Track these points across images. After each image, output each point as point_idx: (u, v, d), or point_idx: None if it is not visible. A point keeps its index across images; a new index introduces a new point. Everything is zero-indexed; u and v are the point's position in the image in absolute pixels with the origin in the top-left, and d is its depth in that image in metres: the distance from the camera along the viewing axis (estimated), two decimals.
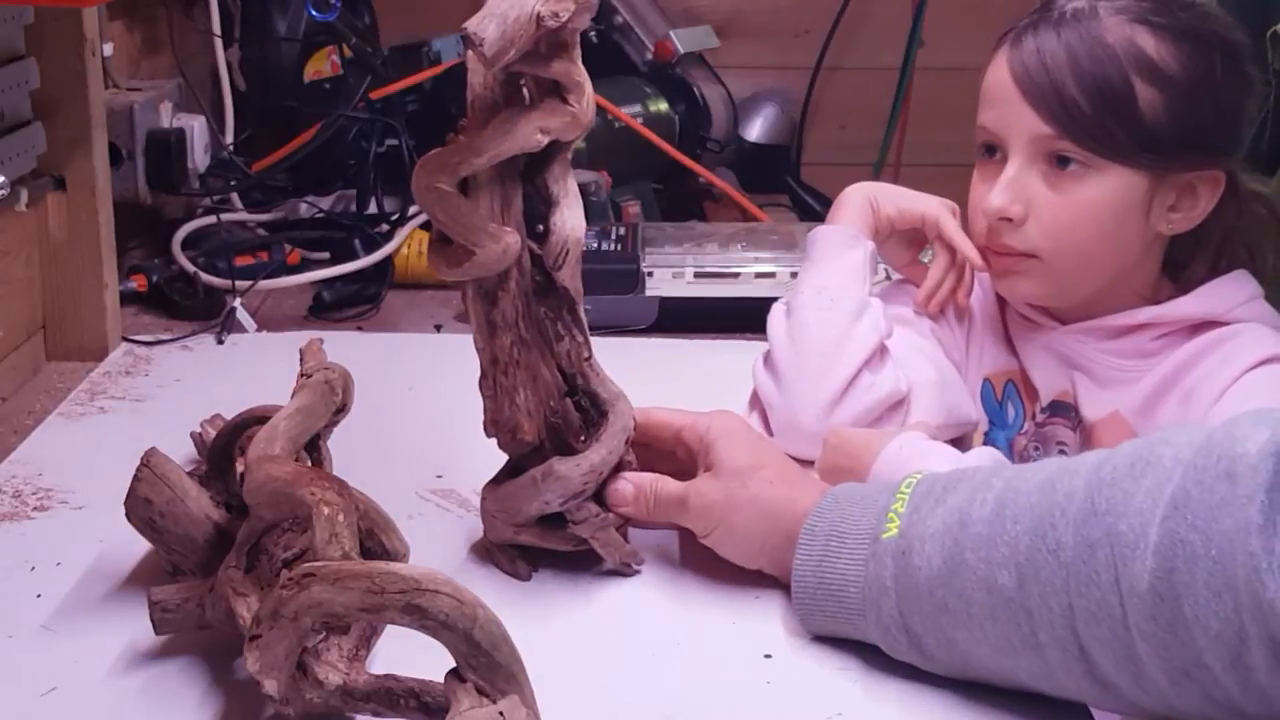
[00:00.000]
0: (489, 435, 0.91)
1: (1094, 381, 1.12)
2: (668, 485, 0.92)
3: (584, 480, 0.90)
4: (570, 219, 0.87)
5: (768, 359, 1.12)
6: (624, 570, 0.94)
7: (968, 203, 1.13)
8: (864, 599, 0.82)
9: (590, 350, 0.91)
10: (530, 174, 0.87)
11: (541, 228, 0.88)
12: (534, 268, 0.88)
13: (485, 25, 0.77)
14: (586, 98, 0.84)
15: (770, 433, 1.10)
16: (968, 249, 1.14)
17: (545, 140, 0.83)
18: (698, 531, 0.92)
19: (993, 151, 1.10)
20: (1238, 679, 0.68)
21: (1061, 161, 1.06)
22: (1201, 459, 0.70)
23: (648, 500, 0.92)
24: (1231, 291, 1.09)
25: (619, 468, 0.93)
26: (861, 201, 1.15)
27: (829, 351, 1.08)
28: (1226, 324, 1.08)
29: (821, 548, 0.85)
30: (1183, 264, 1.12)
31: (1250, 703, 0.69)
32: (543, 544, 0.93)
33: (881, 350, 1.09)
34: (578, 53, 0.84)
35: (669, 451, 0.96)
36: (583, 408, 0.91)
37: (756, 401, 1.13)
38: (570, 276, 0.88)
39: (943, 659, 0.81)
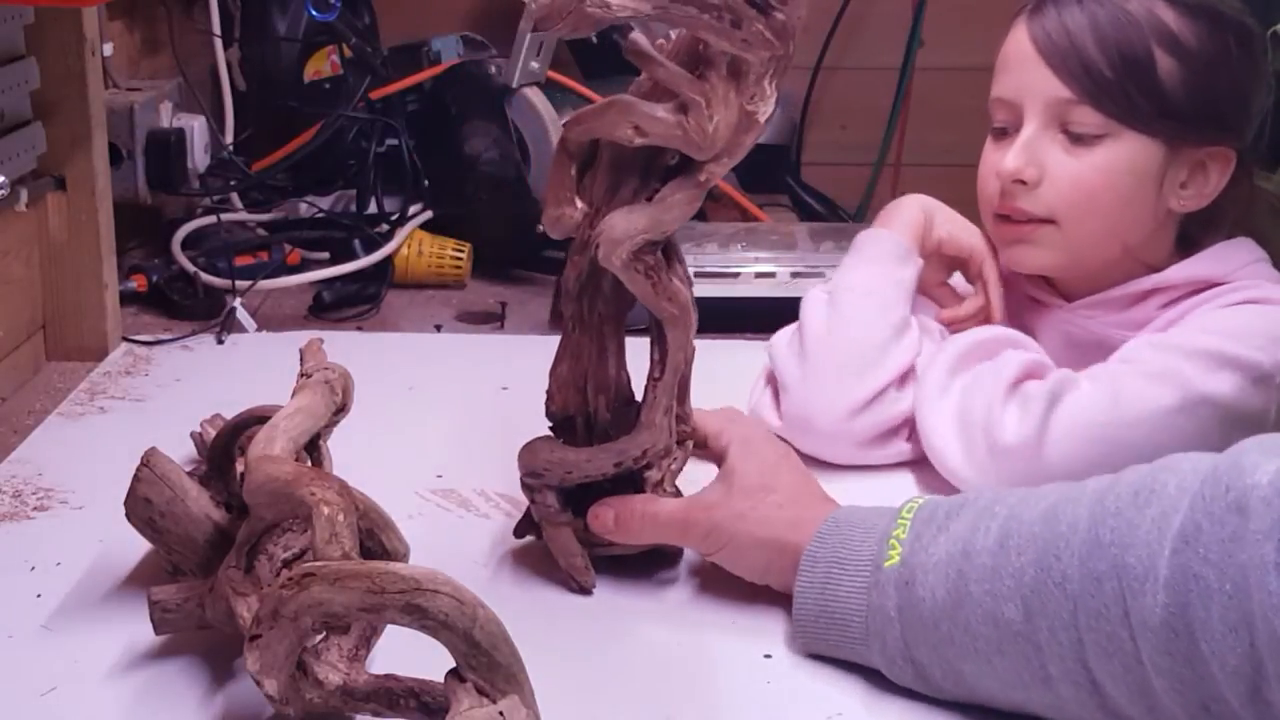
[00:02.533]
0: None
1: (1106, 358, 1.11)
2: (664, 506, 0.90)
3: (545, 465, 0.89)
4: (616, 219, 0.84)
5: (794, 341, 1.11)
6: (569, 584, 0.93)
7: (977, 179, 1.13)
8: (868, 629, 0.82)
9: (662, 372, 0.89)
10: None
11: None
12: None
13: None
14: (714, 123, 0.81)
15: (777, 411, 1.09)
16: (997, 300, 1.14)
17: (637, 139, 0.82)
18: (701, 552, 0.91)
19: (1005, 132, 1.10)
20: (1258, 713, 0.68)
21: (1079, 126, 1.06)
22: (1209, 489, 0.69)
23: (636, 523, 0.90)
24: (1234, 255, 1.09)
25: (626, 487, 0.91)
26: (918, 214, 1.15)
27: (869, 356, 1.07)
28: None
29: (823, 575, 0.84)
30: (1196, 243, 1.11)
31: None
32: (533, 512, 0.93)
33: (910, 371, 1.09)
34: (726, 77, 0.81)
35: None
36: (630, 421, 0.90)
37: (771, 380, 1.13)
38: (624, 274, 0.85)
39: (950, 690, 0.80)
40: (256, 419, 0.89)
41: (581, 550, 0.92)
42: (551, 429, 0.92)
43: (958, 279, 1.20)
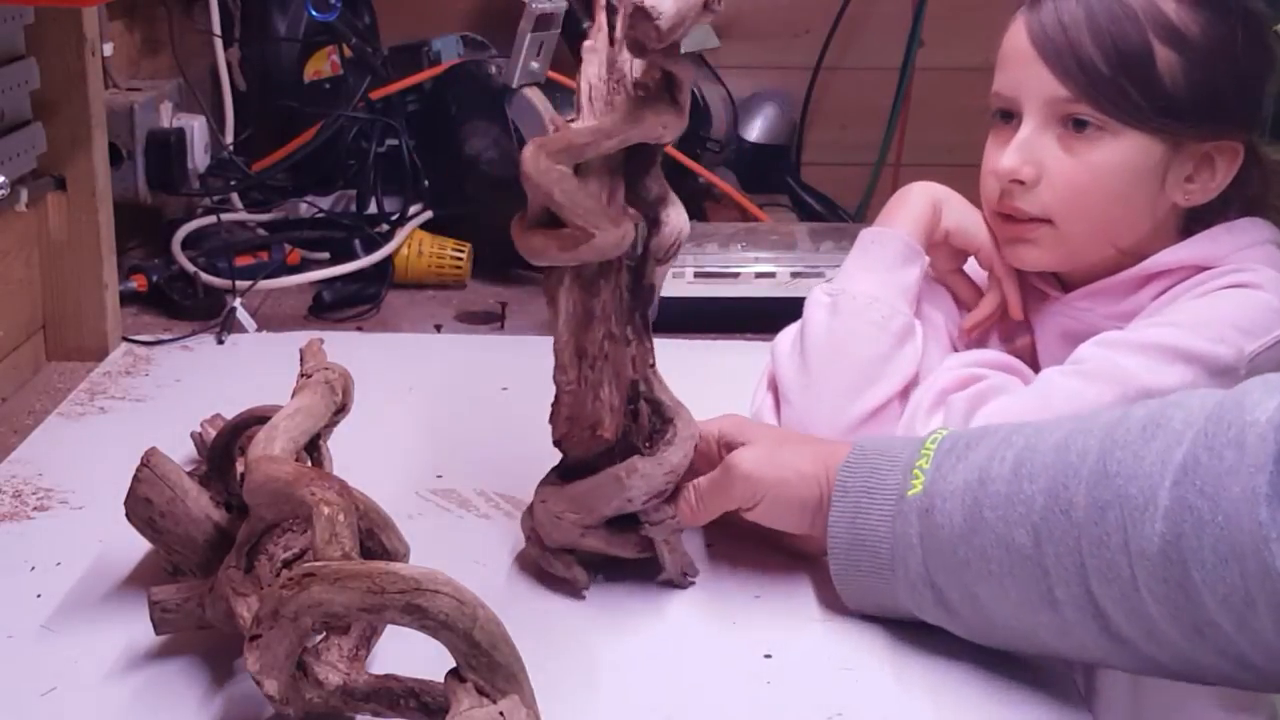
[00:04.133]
0: (560, 434, 0.89)
1: None
2: (701, 483, 0.93)
3: (666, 479, 0.89)
4: (682, 214, 0.88)
5: (796, 347, 1.10)
6: (680, 582, 0.93)
7: (980, 175, 1.11)
8: (893, 556, 0.85)
9: (654, 358, 0.90)
10: (629, 174, 0.86)
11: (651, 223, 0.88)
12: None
13: (663, 0, 0.76)
14: (688, 96, 0.84)
15: (778, 417, 1.09)
16: (1013, 296, 1.13)
17: (664, 134, 0.83)
18: (744, 503, 0.92)
19: (1009, 118, 1.08)
20: (1248, 638, 0.70)
21: (1077, 124, 1.04)
22: (1212, 425, 0.71)
23: (693, 510, 0.93)
24: (1232, 236, 1.06)
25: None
26: (926, 206, 1.13)
27: (869, 373, 1.06)
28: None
29: (853, 505, 0.87)
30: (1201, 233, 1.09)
31: (1262, 658, 0.71)
32: (608, 549, 0.92)
33: (913, 382, 1.08)
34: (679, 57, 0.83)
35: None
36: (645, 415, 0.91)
37: (773, 384, 1.12)
38: (662, 275, 0.88)
39: (968, 615, 0.83)
40: (256, 419, 0.89)
41: None
42: (586, 460, 0.90)
43: (973, 264, 1.18)
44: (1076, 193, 1.05)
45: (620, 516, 0.90)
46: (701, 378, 1.09)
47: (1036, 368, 1.14)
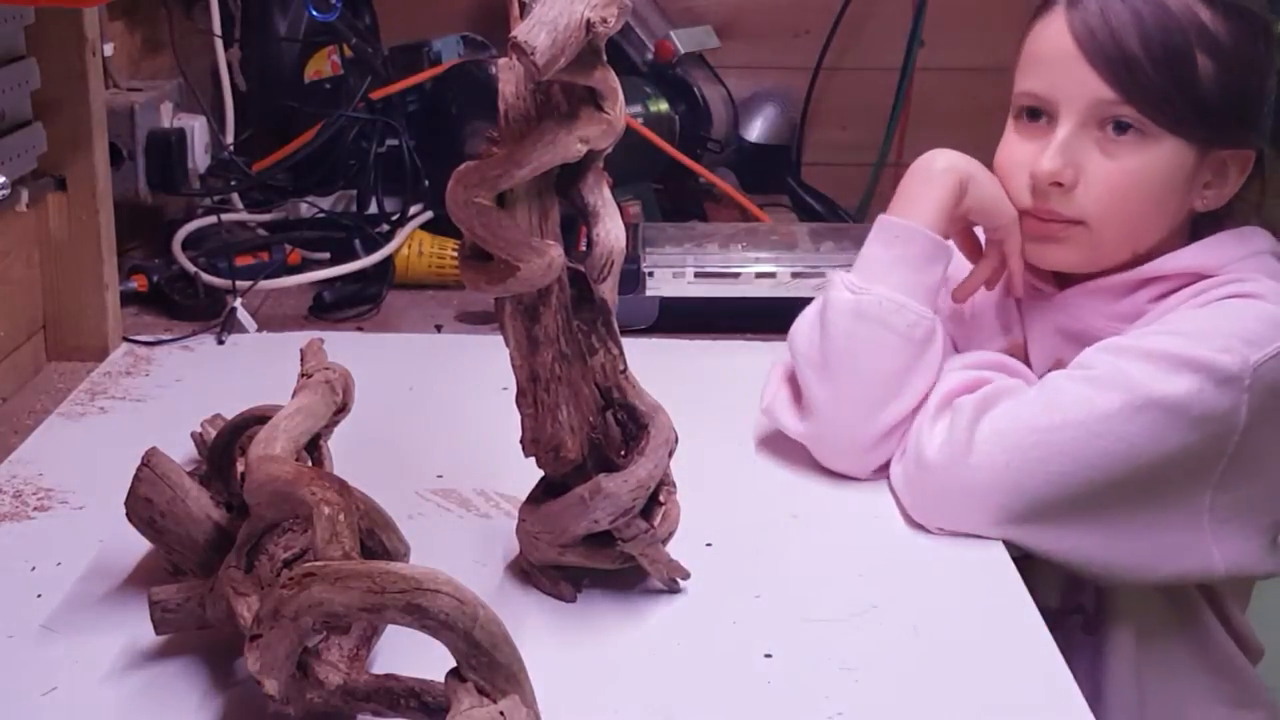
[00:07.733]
0: (528, 454, 0.89)
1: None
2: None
3: (633, 496, 0.88)
4: (613, 230, 0.86)
5: (816, 343, 1.08)
6: (670, 586, 0.93)
7: (994, 165, 1.10)
8: None
9: (625, 363, 0.89)
10: (563, 185, 0.85)
11: (586, 241, 0.87)
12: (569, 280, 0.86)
13: (535, 34, 0.73)
14: (620, 104, 0.83)
15: (797, 412, 1.09)
16: (1018, 277, 1.12)
17: (584, 150, 0.81)
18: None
19: (1037, 115, 1.07)
20: None
21: (1118, 127, 1.04)
22: None
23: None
24: (1233, 245, 1.06)
25: (662, 483, 0.92)
26: (952, 184, 1.09)
27: (893, 387, 1.05)
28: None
29: None
30: (1204, 237, 1.09)
31: None
32: (589, 564, 0.91)
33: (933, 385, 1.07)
34: (605, 59, 0.82)
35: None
36: (620, 421, 0.90)
37: (790, 379, 1.11)
38: (610, 288, 0.87)
39: None
40: (257, 419, 0.89)
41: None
42: (562, 477, 0.90)
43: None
44: (1116, 196, 1.05)
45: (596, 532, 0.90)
46: (701, 378, 1.09)
47: (1028, 362, 1.14)
